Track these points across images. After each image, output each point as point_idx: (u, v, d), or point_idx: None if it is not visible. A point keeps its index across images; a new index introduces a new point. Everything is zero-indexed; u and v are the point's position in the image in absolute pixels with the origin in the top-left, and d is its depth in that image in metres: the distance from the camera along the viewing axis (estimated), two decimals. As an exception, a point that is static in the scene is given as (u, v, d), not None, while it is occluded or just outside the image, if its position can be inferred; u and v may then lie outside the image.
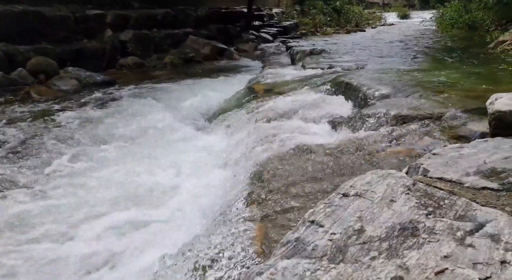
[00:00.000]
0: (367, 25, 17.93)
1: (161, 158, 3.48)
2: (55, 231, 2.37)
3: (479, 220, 1.05)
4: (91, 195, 2.82)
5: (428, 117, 2.70)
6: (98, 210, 2.60)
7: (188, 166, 3.22)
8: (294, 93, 4.14)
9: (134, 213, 2.52)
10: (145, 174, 3.14)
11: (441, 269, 0.86)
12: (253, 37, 12.57)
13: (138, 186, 2.91)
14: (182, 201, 2.59)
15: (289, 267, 0.90)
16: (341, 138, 2.67)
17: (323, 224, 1.07)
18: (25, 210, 2.62)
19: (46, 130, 4.20)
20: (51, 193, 2.88)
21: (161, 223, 2.39)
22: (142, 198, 2.75)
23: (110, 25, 8.42)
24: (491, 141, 1.67)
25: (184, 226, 2.24)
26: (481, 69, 4.54)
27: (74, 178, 3.13)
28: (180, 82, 6.74)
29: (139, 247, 2.14)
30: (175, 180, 3.01)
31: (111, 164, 3.38)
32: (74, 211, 2.58)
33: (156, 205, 2.64)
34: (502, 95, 2.05)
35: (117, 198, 2.76)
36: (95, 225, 2.42)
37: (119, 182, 3.02)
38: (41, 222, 2.47)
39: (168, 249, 1.71)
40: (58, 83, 6.26)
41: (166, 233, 2.25)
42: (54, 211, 2.60)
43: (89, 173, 3.22)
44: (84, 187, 2.96)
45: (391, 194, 1.17)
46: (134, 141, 4.02)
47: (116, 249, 2.15)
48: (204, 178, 2.88)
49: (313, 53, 7.21)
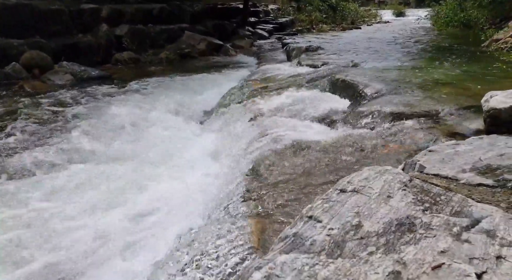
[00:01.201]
0: (362, 22, 17.93)
1: (154, 155, 3.46)
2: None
3: (475, 216, 1.06)
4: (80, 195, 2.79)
5: (424, 114, 2.71)
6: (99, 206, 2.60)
7: (182, 161, 3.22)
8: (289, 89, 4.14)
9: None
10: (133, 170, 3.12)
11: (438, 264, 0.87)
12: (249, 33, 12.52)
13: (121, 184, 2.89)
14: (178, 195, 2.59)
15: (288, 262, 0.91)
16: (337, 135, 2.68)
17: (321, 219, 1.07)
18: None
19: (38, 123, 4.17)
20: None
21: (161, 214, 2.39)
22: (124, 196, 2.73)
23: (106, 20, 8.35)
24: (486, 138, 1.69)
25: (177, 220, 2.25)
26: (475, 67, 4.56)
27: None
28: (176, 78, 6.71)
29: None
30: (168, 174, 3.00)
31: (102, 162, 3.36)
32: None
33: (149, 201, 2.63)
34: (497, 93, 2.07)
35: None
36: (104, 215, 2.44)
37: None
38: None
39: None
40: (53, 77, 6.22)
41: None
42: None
43: (79, 168, 3.21)
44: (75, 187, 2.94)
45: (388, 190, 1.18)
46: (129, 135, 4.00)
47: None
48: (199, 173, 2.88)
49: (309, 50, 7.20)
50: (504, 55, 5.40)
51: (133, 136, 3.97)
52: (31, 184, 2.91)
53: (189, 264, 1.45)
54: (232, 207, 1.90)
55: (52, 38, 7.13)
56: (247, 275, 0.89)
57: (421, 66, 4.94)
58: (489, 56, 5.47)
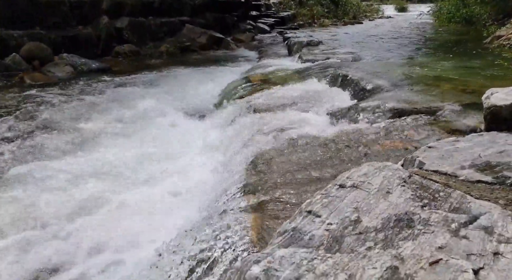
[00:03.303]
0: (364, 17, 17.84)
1: (154, 147, 3.46)
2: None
3: (473, 213, 1.06)
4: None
5: (424, 111, 2.71)
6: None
7: (183, 155, 3.22)
8: (290, 84, 4.14)
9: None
10: (136, 161, 3.14)
11: (436, 260, 0.88)
12: (250, 27, 12.45)
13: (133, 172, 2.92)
14: (181, 187, 2.60)
15: (286, 256, 0.91)
16: (337, 130, 2.68)
17: (320, 214, 1.08)
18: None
19: (38, 115, 4.17)
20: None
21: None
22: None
23: (106, 12, 8.30)
24: (486, 135, 1.69)
25: (180, 212, 2.26)
26: (477, 64, 4.55)
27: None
28: (177, 71, 6.69)
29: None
30: (170, 168, 3.01)
31: (102, 150, 3.38)
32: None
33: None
34: (497, 90, 2.07)
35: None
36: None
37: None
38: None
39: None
40: (53, 69, 6.20)
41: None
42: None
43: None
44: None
45: (387, 186, 1.19)
46: (128, 126, 4.01)
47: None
48: (200, 168, 2.88)
49: (310, 44, 7.18)
50: (506, 52, 5.38)
51: (134, 129, 3.97)
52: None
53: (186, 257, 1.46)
54: (231, 200, 1.90)
55: (52, 30, 7.10)
56: (245, 268, 0.89)
57: (422, 62, 4.93)
58: (491, 53, 5.46)
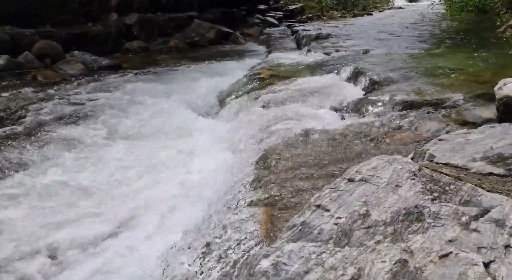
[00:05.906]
0: (374, 8, 17.60)
1: (167, 143, 3.49)
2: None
3: (484, 205, 1.05)
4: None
5: (435, 102, 2.68)
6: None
7: (193, 150, 3.24)
8: (299, 78, 4.12)
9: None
10: (149, 158, 3.17)
11: (446, 253, 0.87)
12: (258, 21, 12.39)
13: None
14: (190, 183, 2.62)
15: (295, 250, 0.92)
16: (347, 123, 2.67)
17: (329, 208, 1.08)
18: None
19: (53, 112, 4.22)
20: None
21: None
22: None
23: (115, 9, 8.35)
24: (498, 126, 1.66)
25: (189, 208, 2.28)
26: (489, 53, 4.47)
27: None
28: (186, 67, 6.70)
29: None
30: (181, 162, 3.04)
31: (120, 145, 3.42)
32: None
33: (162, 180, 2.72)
34: (510, 80, 2.03)
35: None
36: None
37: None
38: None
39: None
40: (64, 67, 6.26)
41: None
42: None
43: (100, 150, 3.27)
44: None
45: (397, 179, 1.18)
46: (142, 124, 4.03)
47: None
48: (209, 162, 2.90)
49: (319, 37, 7.12)
50: (519, 41, 5.27)
51: (149, 123, 3.99)
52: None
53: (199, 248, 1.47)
54: (241, 195, 1.91)
55: (62, 28, 7.17)
56: (254, 262, 0.90)
57: (433, 53, 4.85)
58: (504, 43, 5.34)
